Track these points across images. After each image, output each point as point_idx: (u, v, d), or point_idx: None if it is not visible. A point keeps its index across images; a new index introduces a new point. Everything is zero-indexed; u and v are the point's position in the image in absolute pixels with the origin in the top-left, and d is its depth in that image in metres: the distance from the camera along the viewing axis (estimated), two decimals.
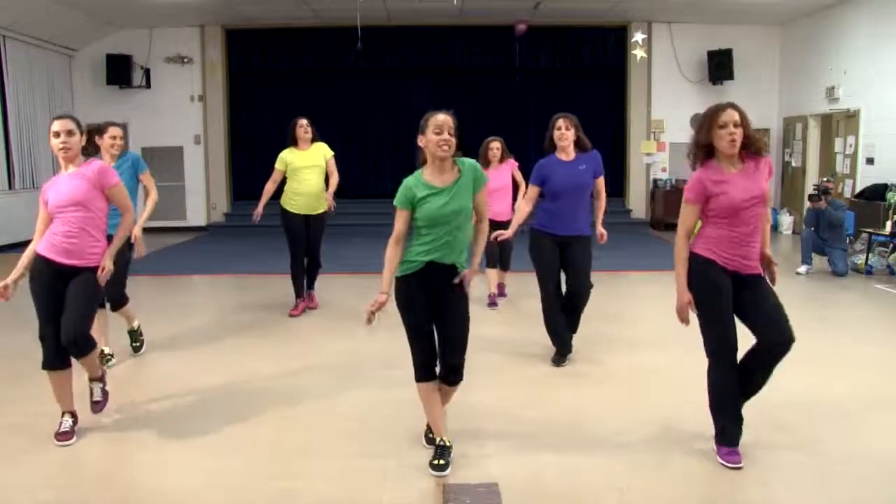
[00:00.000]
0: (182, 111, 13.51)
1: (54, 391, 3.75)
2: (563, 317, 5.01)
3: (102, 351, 4.95)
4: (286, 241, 6.55)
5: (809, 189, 10.28)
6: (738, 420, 3.47)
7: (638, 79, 13.59)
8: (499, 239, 4.92)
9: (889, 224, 8.43)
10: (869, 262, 8.45)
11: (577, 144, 4.91)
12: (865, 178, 10.38)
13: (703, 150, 3.36)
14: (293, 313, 6.54)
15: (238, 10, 12.20)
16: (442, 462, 3.35)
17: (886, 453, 3.53)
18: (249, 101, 13.99)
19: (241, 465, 3.46)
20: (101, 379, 4.02)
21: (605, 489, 3.20)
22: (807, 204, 8.79)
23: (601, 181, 5.02)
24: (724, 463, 3.39)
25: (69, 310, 3.64)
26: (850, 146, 10.95)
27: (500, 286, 7.20)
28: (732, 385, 3.43)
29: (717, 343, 3.42)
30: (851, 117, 10.95)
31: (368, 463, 3.49)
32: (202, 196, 13.85)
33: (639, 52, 11.21)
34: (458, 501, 3.05)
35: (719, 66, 13.04)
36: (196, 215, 13.84)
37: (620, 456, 3.54)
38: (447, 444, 3.43)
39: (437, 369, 3.45)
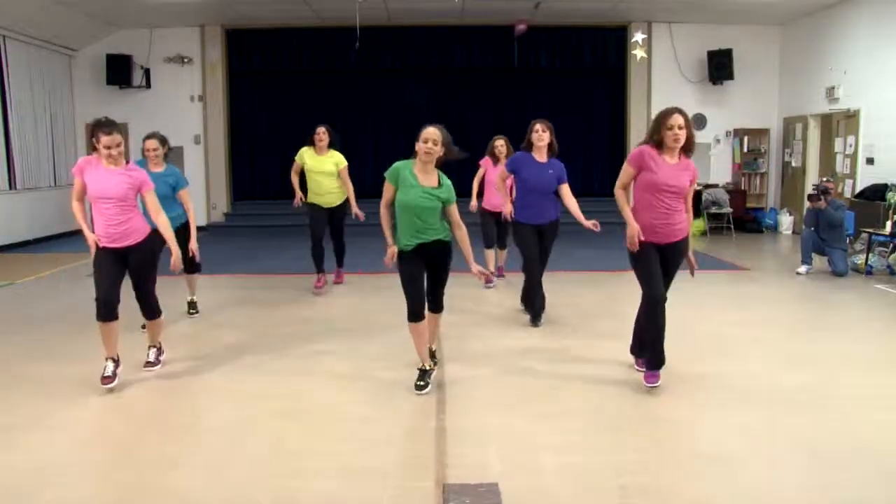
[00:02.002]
0: (182, 111, 13.50)
1: (102, 339, 4.50)
2: (541, 290, 6.01)
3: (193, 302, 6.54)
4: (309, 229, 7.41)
5: (809, 189, 10.29)
6: (654, 347, 4.39)
7: (638, 79, 13.58)
8: (506, 219, 6.27)
9: (889, 224, 8.43)
10: (869, 262, 8.45)
11: (550, 147, 5.85)
12: (865, 178, 10.37)
13: (656, 143, 4.30)
14: (317, 285, 7.44)
15: (238, 10, 12.19)
16: (421, 383, 4.40)
17: (887, 452, 3.53)
18: (249, 101, 13.98)
19: (242, 464, 3.46)
20: (158, 347, 4.97)
21: (607, 488, 3.20)
22: (807, 204, 8.79)
23: (566, 187, 5.90)
24: (646, 384, 4.35)
25: (135, 283, 4.63)
26: (850, 146, 10.95)
27: (500, 268, 8.08)
28: (652, 322, 4.39)
29: (645, 291, 4.40)
30: (851, 117, 10.95)
31: (368, 463, 3.49)
32: (202, 196, 13.83)
33: (639, 52, 11.21)
34: (458, 501, 3.05)
35: (719, 66, 13.04)
36: (196, 215, 13.80)
37: (622, 452, 3.54)
38: (427, 368, 4.48)
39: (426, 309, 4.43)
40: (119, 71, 13.01)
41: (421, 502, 3.10)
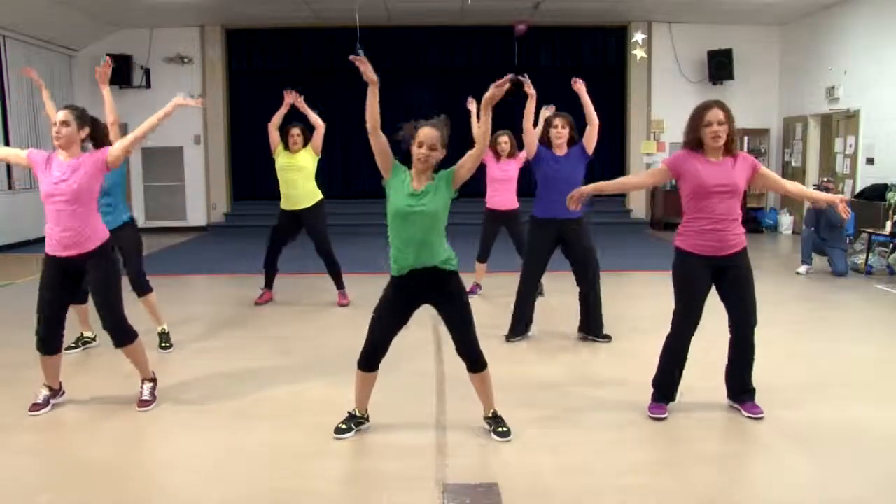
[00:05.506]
0: (182, 111, 13.30)
1: (42, 367, 4.10)
2: (531, 304, 5.53)
3: (82, 334, 5.31)
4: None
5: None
6: (672, 384, 4.00)
7: (638, 79, 13.59)
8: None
9: (889, 224, 8.43)
10: (869, 262, 8.45)
11: (570, 143, 5.43)
12: (865, 178, 10.38)
13: (694, 143, 3.80)
14: (257, 301, 6.89)
15: (238, 10, 12.20)
16: (343, 426, 3.74)
17: (887, 452, 3.54)
18: (249, 101, 13.97)
19: (241, 465, 3.46)
20: (152, 380, 4.26)
21: (606, 489, 3.20)
22: (807, 204, 8.79)
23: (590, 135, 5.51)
24: (650, 415, 3.94)
25: (98, 305, 4.01)
26: (850, 146, 10.95)
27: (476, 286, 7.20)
28: (676, 356, 3.97)
29: (680, 321, 3.92)
30: (851, 117, 10.95)
31: (368, 463, 3.49)
32: (202, 196, 13.86)
33: (639, 52, 11.20)
34: (458, 501, 3.05)
35: (719, 66, 13.05)
36: (196, 215, 13.84)
37: (622, 452, 3.54)
38: (357, 414, 3.80)
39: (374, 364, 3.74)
40: (119, 71, 12.98)
41: (421, 502, 3.10)
